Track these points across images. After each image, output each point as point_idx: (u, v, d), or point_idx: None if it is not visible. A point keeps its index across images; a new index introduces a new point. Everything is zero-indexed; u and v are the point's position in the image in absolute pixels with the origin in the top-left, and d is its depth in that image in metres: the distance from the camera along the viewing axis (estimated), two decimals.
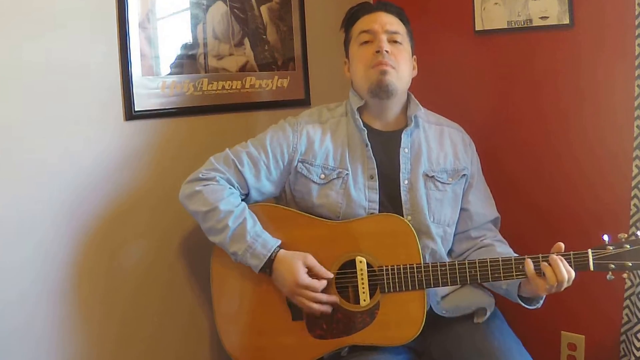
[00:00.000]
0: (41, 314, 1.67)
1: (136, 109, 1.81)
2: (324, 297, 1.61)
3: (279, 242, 1.64)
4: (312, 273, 1.61)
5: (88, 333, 1.77)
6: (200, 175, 1.70)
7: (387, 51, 1.68)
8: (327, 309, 1.62)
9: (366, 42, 1.72)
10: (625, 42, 1.79)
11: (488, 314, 1.69)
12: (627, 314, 1.86)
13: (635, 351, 1.78)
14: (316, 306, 1.60)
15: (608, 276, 1.50)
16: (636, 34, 1.76)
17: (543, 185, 2.04)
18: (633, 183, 1.81)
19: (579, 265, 1.51)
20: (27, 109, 1.62)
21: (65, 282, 1.71)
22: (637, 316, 1.77)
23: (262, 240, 1.63)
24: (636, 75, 1.78)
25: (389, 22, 1.72)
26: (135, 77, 1.80)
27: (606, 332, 1.93)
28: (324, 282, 1.60)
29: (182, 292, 1.95)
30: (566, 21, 1.91)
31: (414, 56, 1.80)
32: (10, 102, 1.59)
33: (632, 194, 1.81)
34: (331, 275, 1.62)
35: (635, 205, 1.80)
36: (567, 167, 1.98)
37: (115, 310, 1.82)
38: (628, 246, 1.49)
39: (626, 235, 1.51)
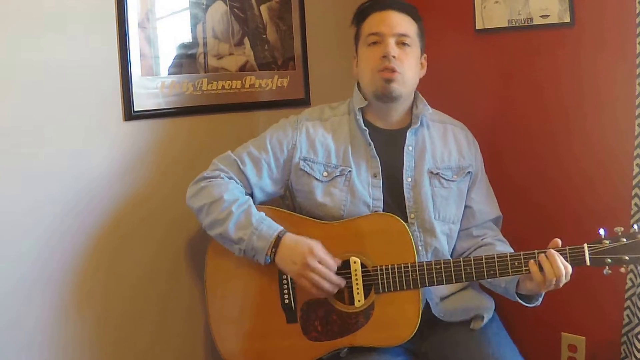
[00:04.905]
0: (33, 315, 1.67)
1: (136, 109, 1.81)
2: (334, 276, 1.58)
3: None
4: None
5: (84, 335, 1.77)
6: (205, 175, 1.72)
7: (393, 56, 1.66)
8: (334, 289, 1.59)
9: (374, 43, 1.70)
10: (626, 40, 1.78)
11: (485, 321, 1.68)
12: (628, 315, 1.85)
13: (636, 352, 1.77)
14: (326, 284, 1.57)
15: (605, 271, 1.48)
16: (637, 32, 1.75)
17: (543, 184, 2.03)
18: (634, 182, 1.80)
19: (575, 260, 1.49)
20: (26, 109, 1.62)
21: (62, 283, 1.71)
22: (638, 317, 1.76)
23: (267, 222, 1.63)
24: (637, 74, 1.77)
25: (398, 23, 1.70)
26: (134, 77, 1.80)
27: (607, 333, 1.92)
28: (335, 265, 1.59)
29: (181, 293, 1.95)
30: (567, 20, 1.91)
31: (424, 55, 1.78)
32: (10, 102, 1.60)
33: (633, 193, 1.80)
34: (339, 262, 1.59)
35: (636, 204, 1.79)
36: (568, 165, 1.97)
37: (112, 313, 1.81)
38: (625, 240, 1.47)
39: (622, 228, 1.48)
